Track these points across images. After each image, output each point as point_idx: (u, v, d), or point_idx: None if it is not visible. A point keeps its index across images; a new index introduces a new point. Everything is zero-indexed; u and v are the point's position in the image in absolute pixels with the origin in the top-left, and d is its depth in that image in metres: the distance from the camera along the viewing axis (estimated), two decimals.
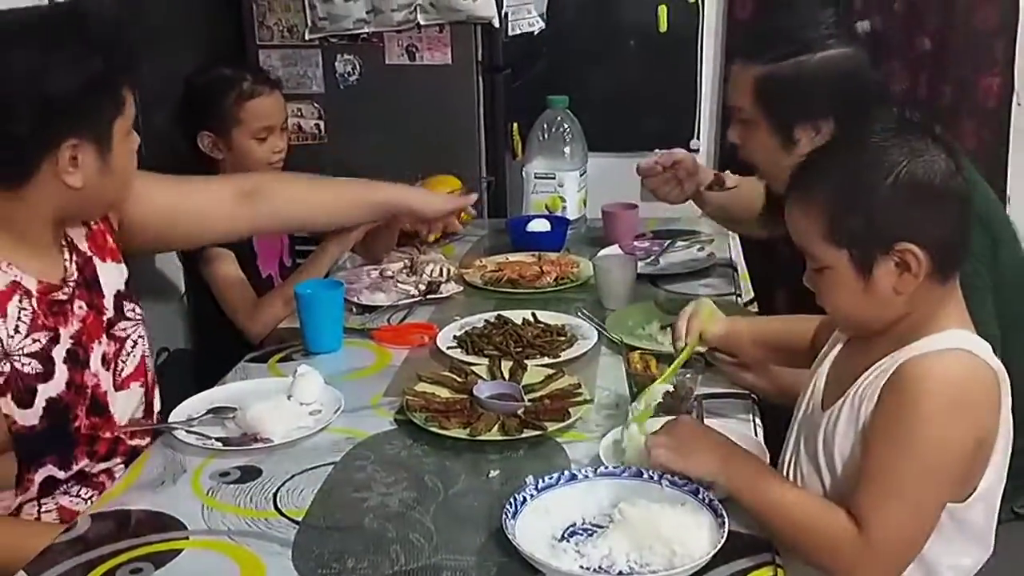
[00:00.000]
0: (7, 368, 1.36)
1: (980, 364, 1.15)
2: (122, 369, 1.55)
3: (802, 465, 1.29)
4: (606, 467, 1.29)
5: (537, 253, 2.27)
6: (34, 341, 1.40)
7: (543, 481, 1.24)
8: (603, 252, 2.25)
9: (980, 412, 1.15)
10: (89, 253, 1.56)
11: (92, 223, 1.57)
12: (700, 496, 1.20)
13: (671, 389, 1.44)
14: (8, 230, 1.41)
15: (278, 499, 1.30)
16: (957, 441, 1.13)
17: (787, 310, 1.69)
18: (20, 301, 1.40)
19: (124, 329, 1.58)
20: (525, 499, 1.22)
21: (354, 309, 2.00)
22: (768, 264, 2.32)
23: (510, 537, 1.13)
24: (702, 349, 1.54)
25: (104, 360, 1.51)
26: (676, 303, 1.93)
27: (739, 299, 2.06)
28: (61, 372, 1.43)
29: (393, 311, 1.99)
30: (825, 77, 1.62)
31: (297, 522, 1.25)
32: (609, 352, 1.77)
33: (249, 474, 1.37)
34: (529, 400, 1.54)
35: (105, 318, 1.54)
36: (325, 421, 1.50)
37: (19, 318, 1.39)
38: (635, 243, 2.35)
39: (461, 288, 2.09)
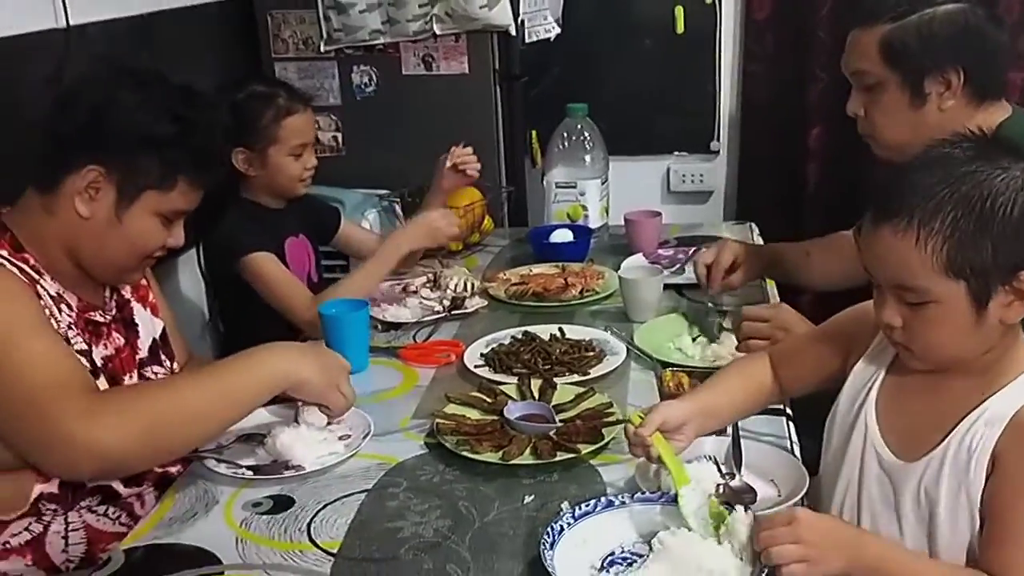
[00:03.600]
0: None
1: None
2: None
3: (897, 522, 1.21)
4: (643, 492, 1.27)
5: (560, 264, 2.25)
6: (84, 343, 1.43)
7: (580, 509, 1.22)
8: (627, 262, 2.23)
9: None
10: (128, 297, 1.58)
11: None
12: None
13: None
14: (46, 249, 1.41)
15: (312, 530, 1.29)
16: None
17: (811, 316, 1.68)
18: (68, 309, 1.42)
19: (156, 374, 1.59)
20: (562, 528, 1.20)
21: (379, 327, 1.99)
22: None
23: (549, 568, 1.11)
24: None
25: None
26: (704, 313, 1.92)
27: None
28: (103, 381, 1.44)
29: (419, 328, 1.98)
30: (951, 29, 1.64)
31: (332, 554, 1.24)
32: (639, 368, 1.75)
33: (281, 504, 1.36)
34: (560, 420, 1.52)
35: (138, 357, 1.55)
36: (355, 447, 1.49)
37: (69, 322, 1.41)
38: (659, 251, 2.33)
39: (486, 303, 2.08)
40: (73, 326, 1.41)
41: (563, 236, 2.33)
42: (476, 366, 1.75)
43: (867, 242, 1.16)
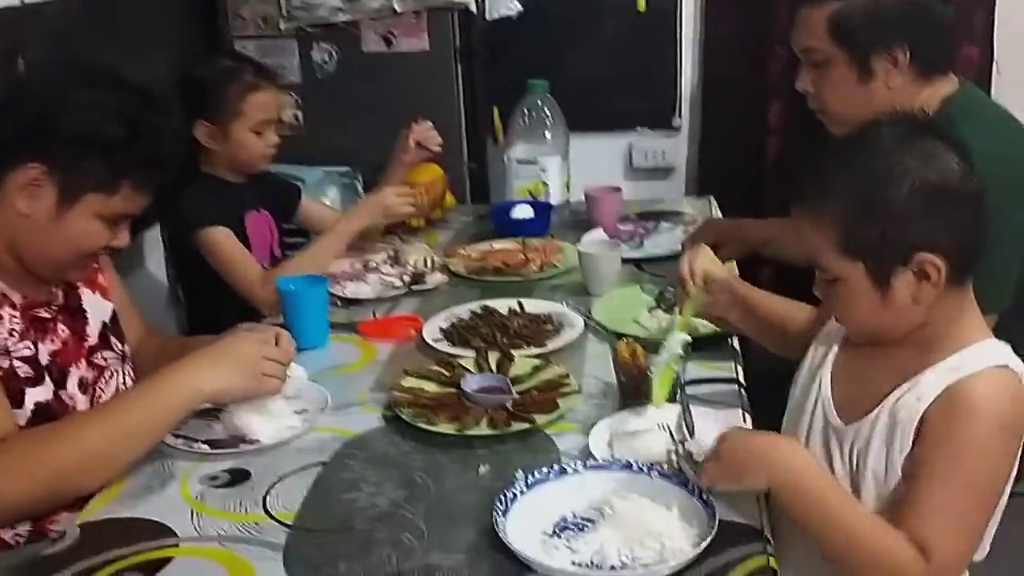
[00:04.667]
0: (6, 365, 1.37)
1: (1019, 382, 1.14)
2: (100, 396, 1.54)
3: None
4: (595, 460, 1.29)
5: (521, 239, 2.26)
6: (27, 347, 1.41)
7: (533, 476, 1.24)
8: (587, 237, 2.25)
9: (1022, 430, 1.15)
10: (75, 283, 1.56)
11: None
12: (690, 487, 1.21)
13: (689, 339, 1.49)
14: None
15: (267, 502, 1.30)
16: (1008, 464, 1.14)
17: (772, 287, 1.70)
18: (11, 309, 1.40)
19: (106, 359, 1.58)
20: (515, 495, 1.21)
21: (339, 303, 1.99)
22: None
23: (501, 535, 1.13)
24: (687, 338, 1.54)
25: (82, 384, 1.51)
26: (662, 286, 1.94)
27: None
28: (48, 382, 1.43)
29: (378, 303, 1.99)
30: (897, 6, 1.66)
31: (288, 526, 1.24)
32: (596, 340, 1.76)
33: (238, 477, 1.36)
34: (517, 392, 1.54)
35: (87, 344, 1.54)
36: (312, 420, 1.50)
37: (10, 325, 1.39)
38: (619, 226, 2.34)
39: (446, 278, 2.08)
40: (14, 331, 1.39)
41: (524, 212, 2.34)
42: (435, 340, 1.76)
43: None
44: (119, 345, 1.62)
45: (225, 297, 2.07)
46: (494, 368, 1.63)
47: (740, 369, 1.62)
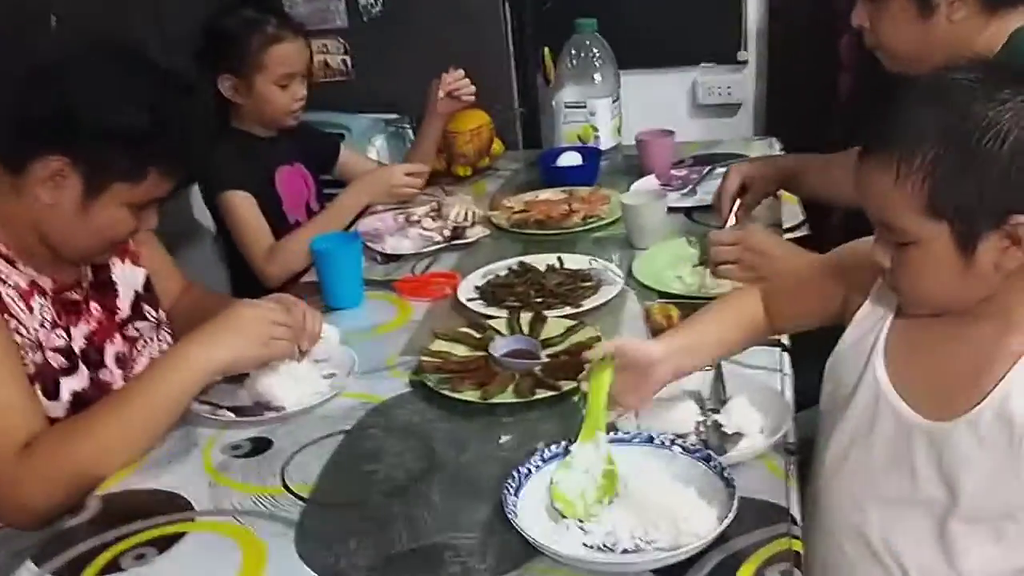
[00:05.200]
0: (40, 359, 1.36)
1: None
2: (134, 369, 1.54)
3: (912, 480, 1.12)
4: (616, 432, 1.24)
5: (568, 189, 2.20)
6: (59, 337, 1.40)
7: (549, 451, 1.20)
8: (637, 185, 2.17)
9: None
10: None
11: None
12: (712, 464, 1.15)
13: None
14: (19, 233, 1.38)
15: (286, 474, 1.28)
16: None
17: (843, 235, 1.58)
18: (41, 298, 1.39)
19: (139, 329, 1.57)
20: (529, 471, 1.17)
21: (378, 259, 1.97)
22: None
23: (510, 516, 1.09)
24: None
25: (119, 360, 1.51)
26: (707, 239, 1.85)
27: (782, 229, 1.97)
28: (83, 369, 1.43)
29: (418, 259, 1.95)
30: None
31: (303, 499, 1.23)
32: (636, 298, 1.70)
33: (260, 447, 1.36)
34: (547, 356, 1.49)
35: (118, 318, 1.54)
36: (339, 386, 1.48)
37: (43, 315, 1.39)
38: (672, 172, 2.26)
39: (487, 232, 2.04)
40: (46, 321, 1.38)
41: (571, 159, 2.27)
42: (469, 299, 1.72)
43: (857, 175, 1.08)
44: (152, 312, 1.61)
45: None
46: (526, 330, 1.58)
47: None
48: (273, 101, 2.10)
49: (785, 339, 1.51)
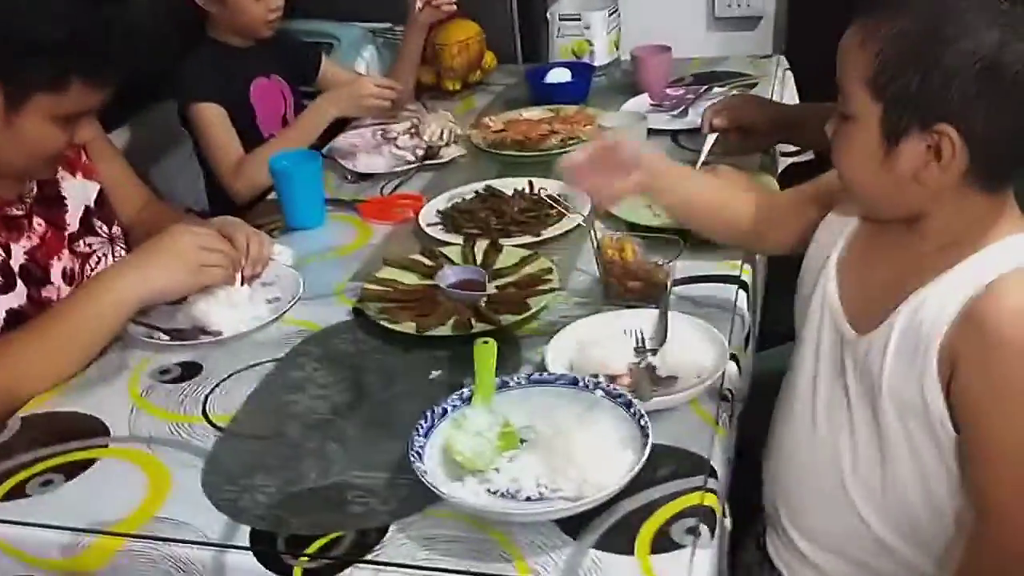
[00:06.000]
0: None
1: None
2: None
3: (845, 398, 1.11)
4: (540, 373, 1.19)
5: (555, 107, 2.11)
6: None
7: (465, 394, 1.15)
8: (626, 105, 2.08)
9: None
10: None
11: None
12: (632, 410, 1.10)
13: None
14: None
15: (208, 402, 1.26)
16: None
17: None
18: None
19: (90, 245, 1.54)
20: (445, 411, 1.13)
21: (348, 177, 1.91)
22: None
23: (412, 460, 1.05)
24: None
25: (65, 275, 1.48)
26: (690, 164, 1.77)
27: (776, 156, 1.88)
28: (20, 286, 1.40)
29: (389, 179, 1.89)
30: None
31: (220, 429, 1.21)
32: (605, 227, 1.63)
33: (189, 372, 1.33)
34: (496, 287, 1.44)
35: (67, 233, 1.50)
36: (281, 310, 1.44)
37: None
38: (667, 91, 2.15)
39: (463, 152, 1.96)
40: None
41: (560, 75, 2.17)
42: (429, 224, 1.66)
43: (844, 39, 1.03)
44: (105, 228, 1.58)
45: None
46: (479, 259, 1.53)
47: (749, 267, 1.47)
48: (247, 10, 2.02)
49: (745, 276, 1.44)
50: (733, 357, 1.26)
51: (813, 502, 1.17)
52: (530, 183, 1.75)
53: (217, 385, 1.29)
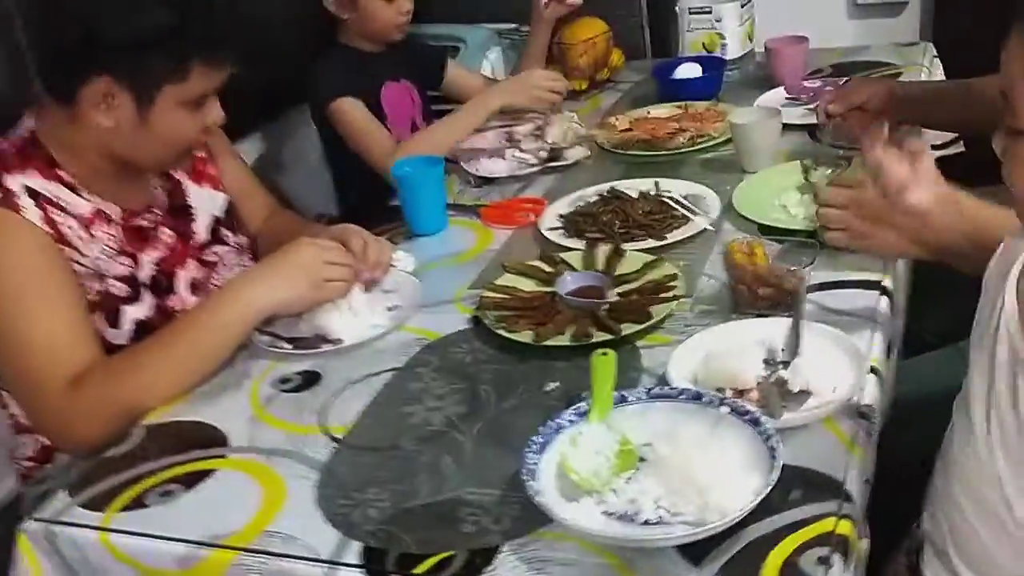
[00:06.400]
0: (102, 288, 1.38)
1: None
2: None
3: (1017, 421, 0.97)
4: (663, 387, 1.13)
5: (684, 104, 2.03)
6: (120, 265, 1.41)
7: (582, 408, 1.10)
8: (760, 99, 1.99)
9: None
10: (181, 178, 1.54)
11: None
12: (760, 428, 1.03)
13: None
14: (82, 158, 1.38)
15: (328, 412, 1.25)
16: None
17: None
18: (106, 226, 1.40)
19: (217, 254, 1.57)
20: (560, 426, 1.09)
21: (472, 181, 1.89)
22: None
23: (524, 479, 1.01)
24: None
25: (193, 286, 1.51)
26: (829, 160, 1.66)
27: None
28: (147, 296, 1.44)
29: (513, 182, 1.86)
30: None
31: (337, 440, 1.20)
32: (735, 229, 1.55)
33: (309, 381, 1.33)
34: (618, 294, 1.39)
35: (194, 243, 1.53)
36: (401, 318, 1.43)
37: (107, 243, 1.39)
38: (805, 83, 2.05)
39: (587, 152, 1.91)
40: (108, 249, 1.38)
41: (689, 71, 2.09)
42: (550, 229, 1.62)
43: (1006, 44, 0.91)
44: (232, 238, 1.61)
45: (370, 176, 2.01)
46: (601, 264, 1.47)
47: (891, 272, 1.36)
48: (379, 16, 2.03)
49: (887, 281, 1.34)
50: (873, 371, 1.17)
51: (983, 534, 1.04)
52: (656, 184, 1.69)
53: (338, 394, 1.29)
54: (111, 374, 1.30)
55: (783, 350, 1.20)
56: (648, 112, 2.03)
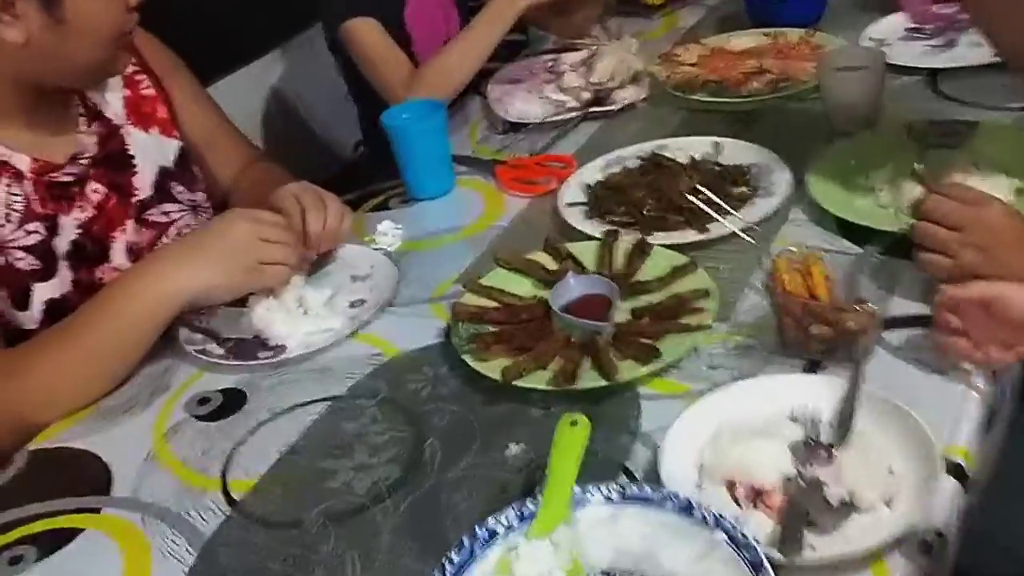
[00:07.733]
0: (3, 261, 1.13)
1: None
2: None
3: None
4: (643, 488, 0.81)
5: (775, 31, 1.63)
6: (28, 233, 1.15)
7: (527, 509, 0.80)
8: (869, 29, 1.57)
9: None
10: (120, 122, 1.26)
11: (126, 86, 1.27)
12: (763, 572, 0.71)
13: None
14: None
15: (237, 455, 0.99)
16: None
17: None
18: (9, 185, 1.14)
19: (167, 214, 1.29)
20: (494, 533, 0.79)
21: (499, 127, 1.56)
22: None
23: None
24: None
25: (132, 251, 1.24)
26: (946, 130, 1.27)
27: None
28: (64, 270, 1.18)
29: (546, 131, 1.52)
30: None
31: (233, 503, 0.94)
32: (806, 220, 1.18)
33: (229, 404, 1.07)
34: (633, 311, 1.06)
35: (136, 200, 1.26)
36: (359, 322, 1.14)
37: (10, 205, 1.14)
38: (934, 10, 1.61)
39: (643, 94, 1.55)
40: (11, 214, 1.13)
41: None
42: (569, 204, 1.29)
43: None
44: (187, 194, 1.34)
45: None
46: (620, 263, 1.15)
47: None
48: None
49: None
50: (956, 470, 0.82)
51: None
52: (715, 145, 1.33)
53: (253, 432, 1.02)
54: (4, 373, 1.06)
55: (830, 425, 0.87)
56: (729, 40, 1.64)
